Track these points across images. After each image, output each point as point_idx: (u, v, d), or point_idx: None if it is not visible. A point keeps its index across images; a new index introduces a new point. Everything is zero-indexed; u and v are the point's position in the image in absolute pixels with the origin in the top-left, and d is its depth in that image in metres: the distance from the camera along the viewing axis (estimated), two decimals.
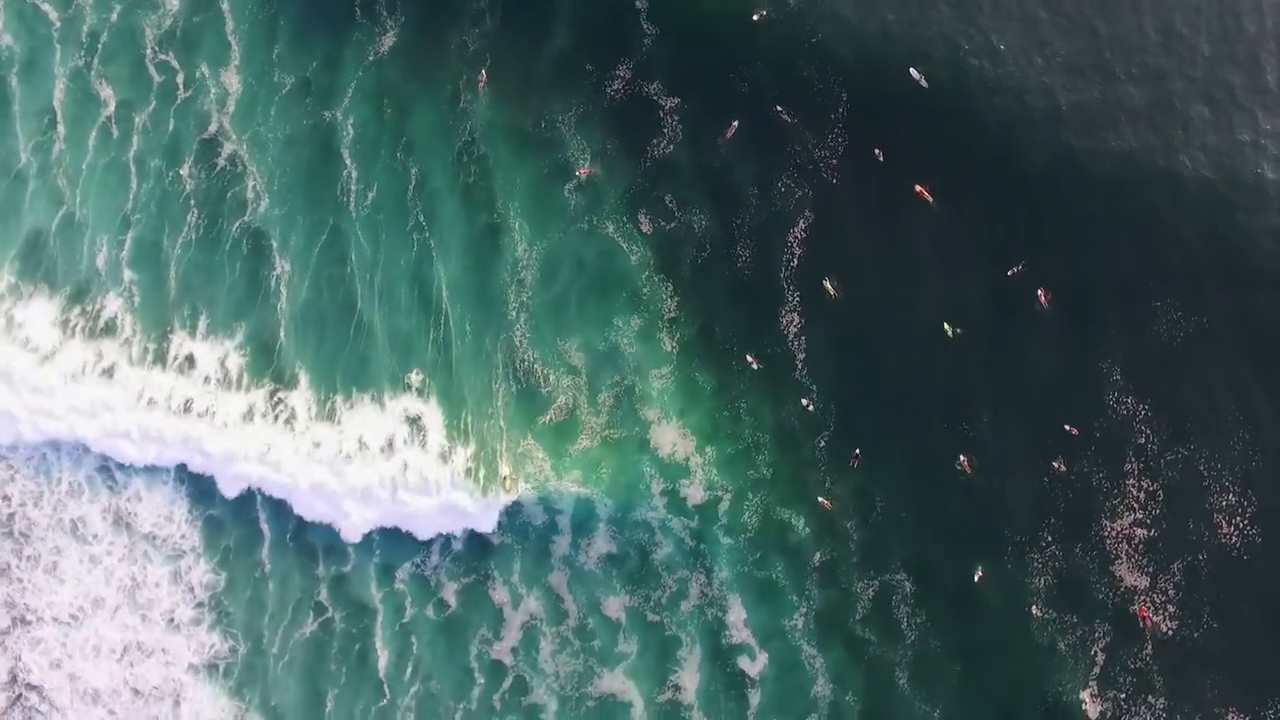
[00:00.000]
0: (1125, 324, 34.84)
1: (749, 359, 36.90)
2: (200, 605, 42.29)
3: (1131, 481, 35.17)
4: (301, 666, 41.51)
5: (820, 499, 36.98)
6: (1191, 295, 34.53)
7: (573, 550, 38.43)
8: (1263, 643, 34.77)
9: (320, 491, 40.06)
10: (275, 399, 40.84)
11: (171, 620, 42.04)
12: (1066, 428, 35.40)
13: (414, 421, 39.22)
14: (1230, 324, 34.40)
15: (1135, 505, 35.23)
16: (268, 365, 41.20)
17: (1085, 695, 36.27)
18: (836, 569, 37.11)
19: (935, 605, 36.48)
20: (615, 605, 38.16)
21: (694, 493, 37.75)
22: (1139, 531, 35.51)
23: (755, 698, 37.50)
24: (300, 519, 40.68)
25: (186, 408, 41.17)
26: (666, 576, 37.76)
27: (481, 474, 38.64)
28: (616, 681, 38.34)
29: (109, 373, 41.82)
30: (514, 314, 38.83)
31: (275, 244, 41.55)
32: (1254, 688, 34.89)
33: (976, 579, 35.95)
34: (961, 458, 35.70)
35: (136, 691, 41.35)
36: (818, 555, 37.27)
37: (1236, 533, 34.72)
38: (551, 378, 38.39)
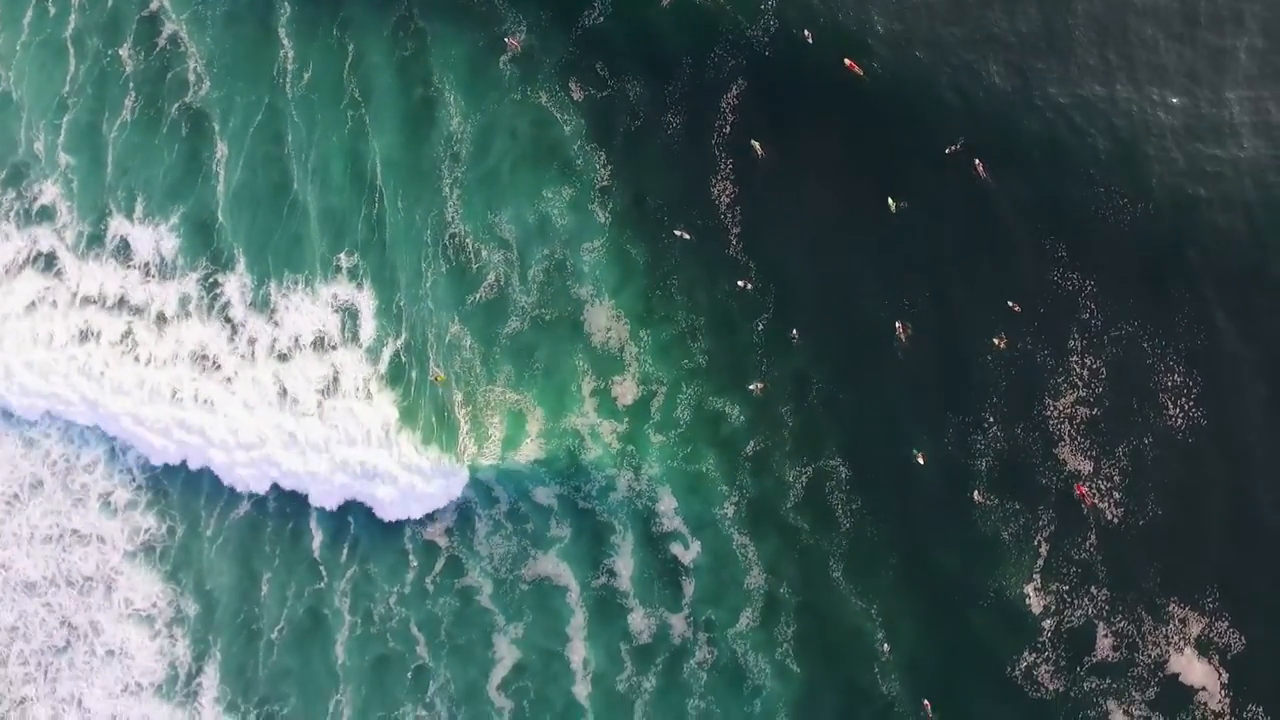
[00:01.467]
0: (1069, 201, 34.50)
1: (679, 232, 37.07)
2: (139, 488, 44.11)
3: (1075, 359, 34.74)
4: (236, 548, 43.13)
5: (753, 385, 37.17)
6: (1139, 177, 35.04)
7: (502, 459, 38.51)
8: (1205, 530, 34.34)
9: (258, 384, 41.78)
10: (210, 283, 42.50)
11: (108, 504, 43.84)
12: (1009, 304, 35.09)
13: (346, 311, 40.79)
14: (1177, 205, 34.96)
15: (1079, 383, 34.86)
16: (204, 248, 42.69)
17: (1029, 589, 36.16)
18: (770, 457, 37.12)
19: (872, 492, 36.43)
20: (545, 494, 38.60)
21: (626, 390, 38.03)
22: (1082, 411, 35.13)
23: (690, 587, 37.69)
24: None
25: (122, 302, 43.02)
26: (595, 473, 38.25)
27: (414, 373, 40.38)
28: (551, 564, 38.70)
29: (49, 261, 43.77)
30: (447, 189, 39.19)
31: (215, 125, 43.07)
32: (1196, 577, 34.47)
33: (917, 462, 35.93)
34: (897, 324, 35.61)
35: (70, 582, 43.32)
36: (751, 445, 37.33)
37: (1182, 414, 34.22)
38: (483, 253, 38.55)
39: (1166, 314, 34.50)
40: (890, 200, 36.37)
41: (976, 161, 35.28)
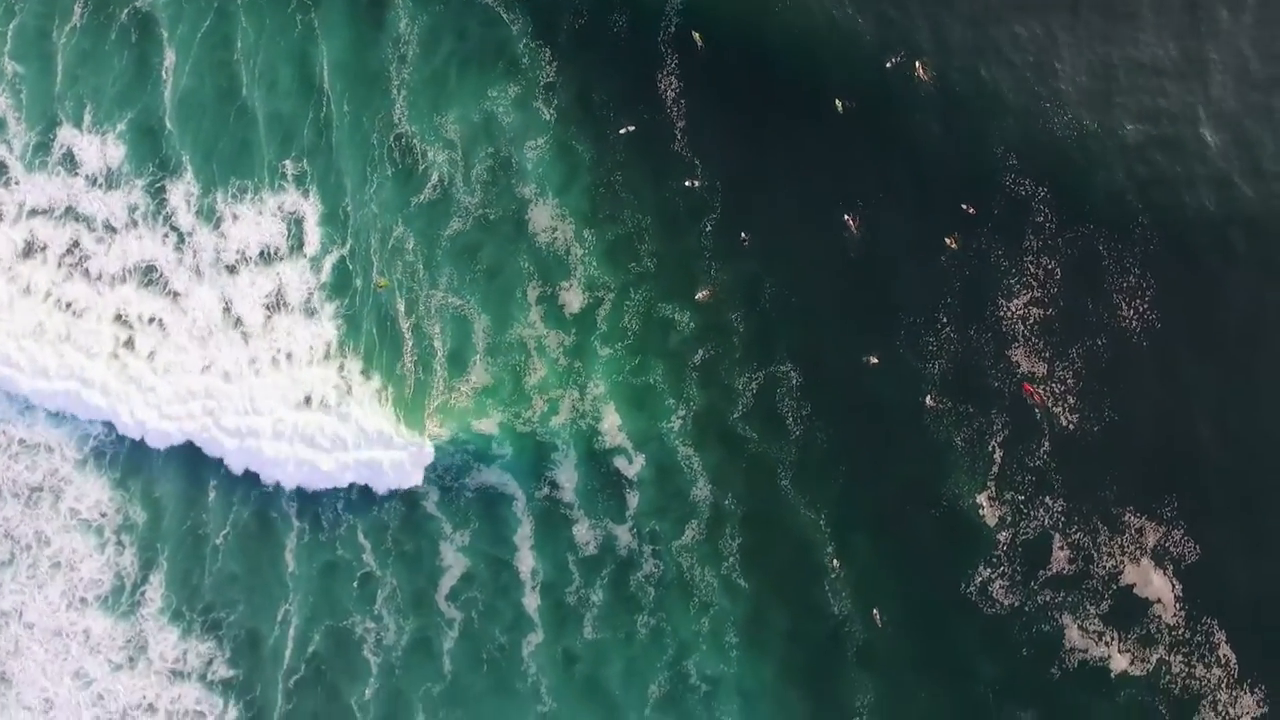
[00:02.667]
0: (1020, 110, 35.11)
1: (624, 128, 37.24)
2: None
3: (1030, 259, 34.93)
4: (185, 453, 42.86)
5: (701, 292, 37.20)
6: (1095, 91, 36.13)
7: (446, 389, 38.73)
8: (1160, 438, 34.57)
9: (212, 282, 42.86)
10: (157, 190, 43.53)
11: (56, 411, 44.76)
12: (963, 206, 35.55)
13: (292, 219, 41.80)
14: (1134, 112, 35.89)
15: (1033, 283, 34.94)
16: (152, 155, 43.38)
17: (982, 498, 36.33)
18: (719, 366, 37.18)
19: (823, 398, 36.49)
20: (487, 424, 38.61)
21: (573, 297, 38.20)
22: (1036, 311, 35.10)
23: (634, 500, 37.85)
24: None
25: (70, 212, 44.09)
26: (538, 397, 38.34)
27: (359, 282, 41.41)
28: (495, 475, 38.91)
29: None
30: (394, 91, 39.15)
31: (164, 31, 43.79)
32: (1153, 486, 34.78)
33: (868, 364, 36.21)
34: (846, 217, 35.76)
35: (15, 494, 44.45)
36: (700, 353, 37.37)
37: (1136, 316, 34.52)
38: (428, 154, 38.59)
39: (1121, 218, 35.01)
40: (837, 101, 37.28)
41: (917, 64, 36.26)
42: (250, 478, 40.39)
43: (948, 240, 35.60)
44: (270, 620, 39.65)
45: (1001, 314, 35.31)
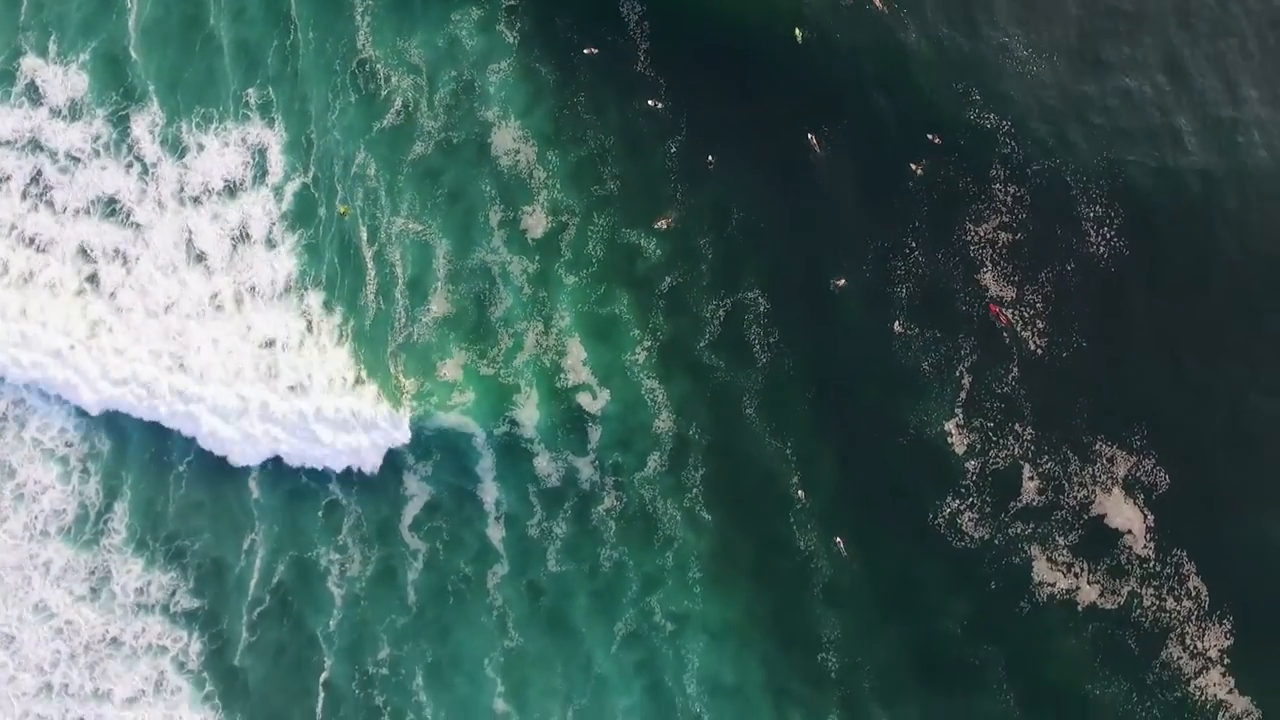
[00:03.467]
0: (982, 48, 35.77)
1: (588, 50, 37.51)
2: None
3: (997, 187, 35.36)
4: None
5: (660, 220, 37.55)
6: (1057, 35, 36.63)
7: (408, 319, 39.26)
8: (1130, 366, 34.88)
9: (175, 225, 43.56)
10: (121, 120, 44.23)
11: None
12: (929, 137, 36.14)
13: (257, 149, 42.57)
14: (1095, 56, 36.09)
15: (1001, 209, 35.27)
16: (116, 85, 44.01)
17: (951, 426, 36.60)
18: (686, 293, 37.43)
19: (790, 324, 36.83)
20: (450, 367, 38.94)
21: (536, 222, 38.48)
22: (1004, 236, 35.31)
23: (596, 433, 38.17)
24: None
25: (33, 144, 44.84)
26: (503, 331, 38.68)
27: (322, 210, 42.09)
28: (454, 419, 39.23)
29: None
30: (359, 17, 39.30)
31: None
32: (1123, 414, 35.14)
33: (835, 288, 36.63)
34: (810, 137, 35.99)
35: None
36: (667, 280, 37.64)
37: (1105, 244, 34.95)
38: (392, 79, 38.85)
39: (1087, 153, 35.59)
40: (796, 30, 37.96)
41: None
42: None
43: (913, 166, 36.10)
44: (235, 550, 40.46)
45: (969, 238, 35.80)
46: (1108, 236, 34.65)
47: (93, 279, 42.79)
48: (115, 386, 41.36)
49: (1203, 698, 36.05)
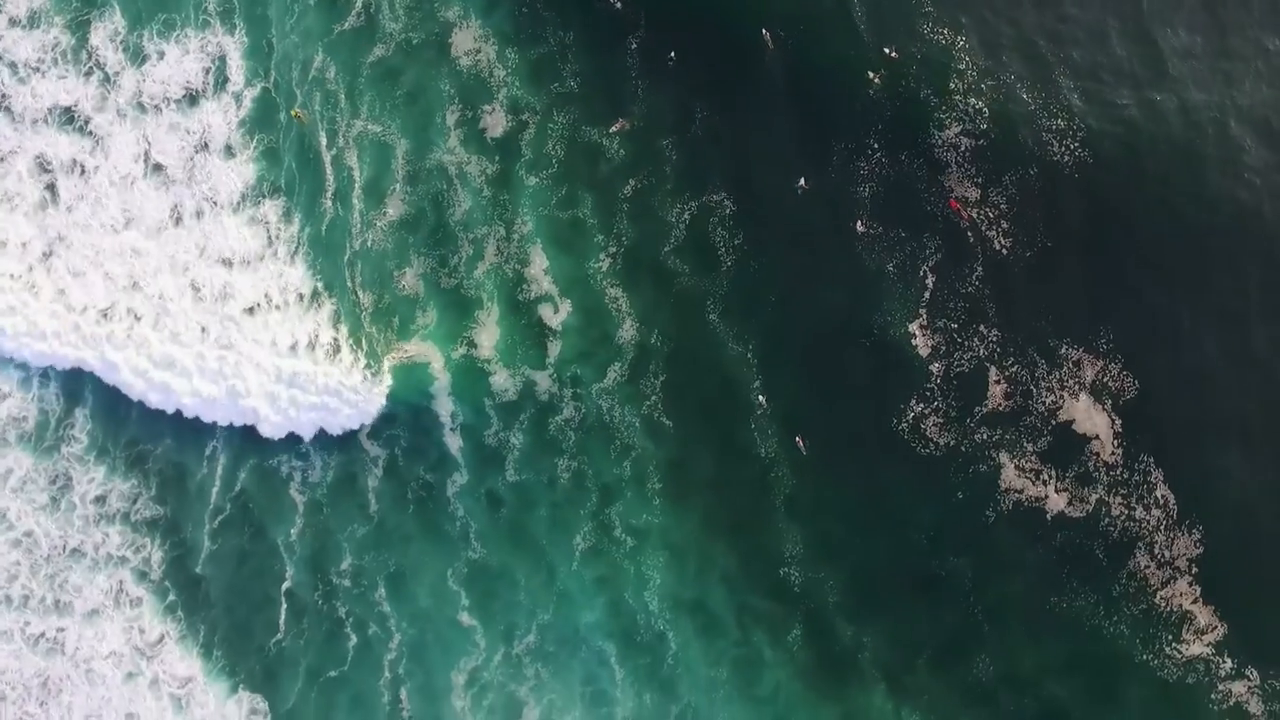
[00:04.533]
0: None
1: None
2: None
3: (957, 98, 36.38)
4: None
5: (615, 125, 38.29)
6: None
7: (364, 225, 40.27)
8: (1096, 270, 35.62)
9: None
10: (80, 27, 45.18)
11: None
12: (885, 50, 36.94)
13: (217, 57, 43.65)
14: None
15: (963, 118, 36.17)
16: None
17: (914, 327, 37.10)
18: (650, 197, 38.08)
19: (755, 227, 37.51)
20: (409, 276, 40.07)
21: (495, 121, 39.02)
22: (966, 141, 35.97)
23: (555, 348, 39.01)
24: None
25: None
26: (463, 236, 39.59)
27: (281, 116, 41.92)
28: (414, 346, 39.89)
29: None
30: None
31: None
32: (1089, 317, 35.86)
33: (799, 190, 37.39)
34: (764, 32, 36.84)
35: None
36: (630, 184, 38.31)
37: (1068, 154, 35.79)
38: None
39: (1048, 70, 36.62)
40: None
41: None
42: None
43: (872, 75, 37.02)
44: (197, 457, 41.69)
45: (933, 142, 36.40)
46: (1071, 148, 35.54)
47: (51, 189, 43.59)
48: (63, 345, 42.26)
49: (1169, 608, 36.88)
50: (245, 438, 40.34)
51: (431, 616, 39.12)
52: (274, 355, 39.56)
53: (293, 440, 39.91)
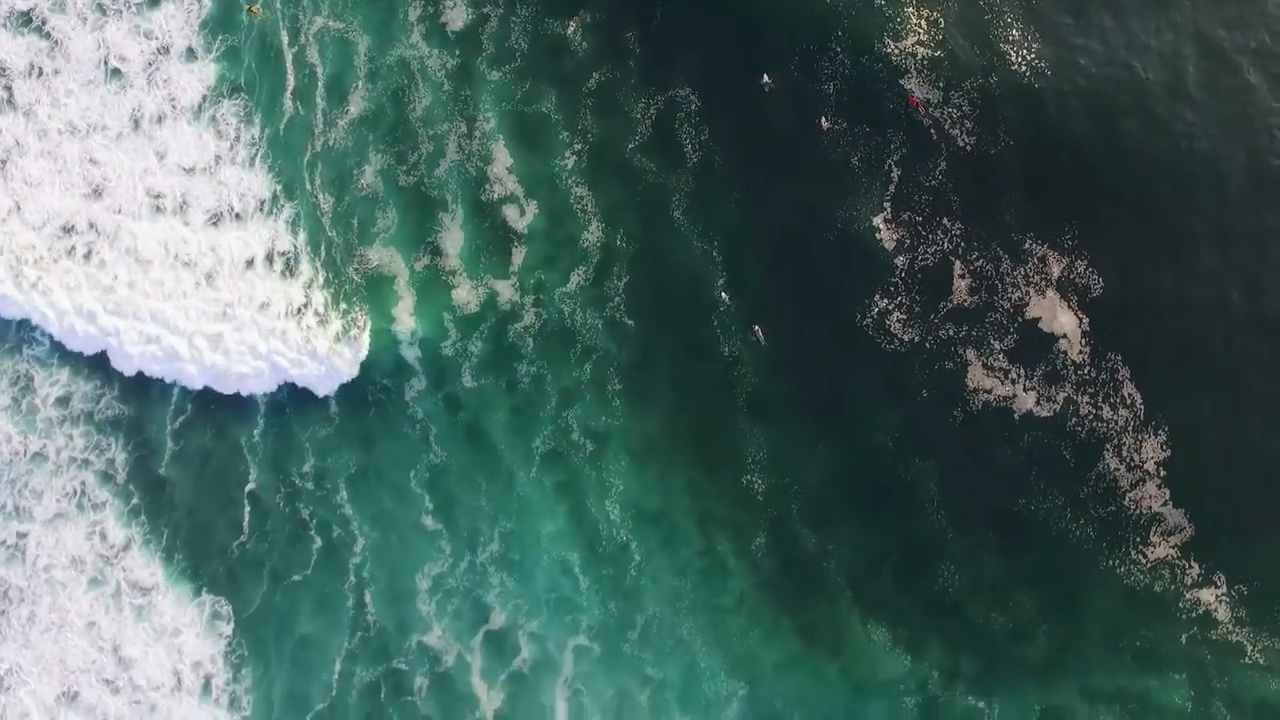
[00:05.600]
0: None
1: None
2: None
3: (910, 10, 38.21)
4: None
5: (571, 21, 39.87)
6: None
7: (325, 124, 41.43)
8: (1059, 168, 37.09)
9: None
10: None
11: None
12: None
13: None
14: None
15: (919, 30, 37.87)
16: None
17: (879, 221, 38.02)
18: (615, 91, 39.10)
19: (721, 122, 38.79)
20: (369, 176, 41.01)
21: (457, 15, 40.04)
22: (923, 51, 37.63)
23: (520, 253, 40.26)
24: None
25: None
26: (424, 133, 40.43)
27: (243, 16, 42.38)
28: (376, 253, 41.38)
29: None
30: None
31: None
32: (1052, 214, 37.24)
33: (765, 85, 38.56)
34: None
35: None
36: (594, 78, 39.38)
37: (1025, 64, 37.40)
38: None
39: None
40: None
41: None
42: None
43: None
44: (164, 409, 42.82)
45: (890, 51, 37.63)
46: (1027, 58, 36.88)
47: (9, 92, 44.30)
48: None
49: (1138, 511, 38.14)
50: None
51: (395, 520, 40.47)
52: (241, 282, 40.67)
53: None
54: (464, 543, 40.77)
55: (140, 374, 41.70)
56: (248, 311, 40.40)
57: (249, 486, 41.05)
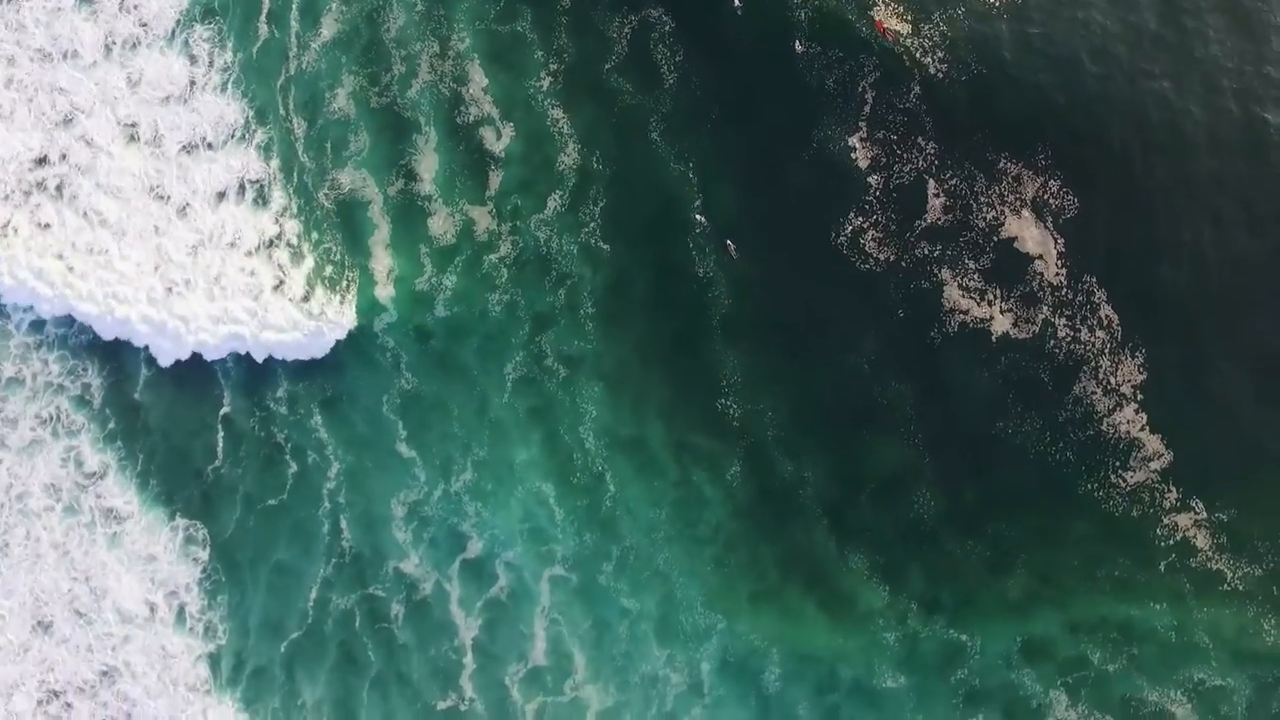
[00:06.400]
0: None
1: None
2: None
3: None
4: None
5: None
6: None
7: (299, 47, 42.16)
8: (1030, 93, 38.85)
9: None
10: None
11: None
12: None
13: None
14: None
15: None
16: None
17: (854, 140, 39.25)
18: (590, 10, 40.40)
19: (696, 43, 40.18)
20: (342, 98, 42.09)
21: None
22: None
23: (496, 178, 41.35)
24: None
25: None
26: (396, 54, 41.45)
27: None
28: (348, 176, 42.30)
29: None
30: None
31: None
32: (1026, 135, 38.83)
33: (738, 8, 39.95)
34: None
35: None
36: None
37: None
38: None
39: None
40: None
41: None
42: None
43: None
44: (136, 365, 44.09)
45: None
46: None
47: None
48: None
49: (1115, 435, 39.46)
50: None
51: (369, 445, 41.76)
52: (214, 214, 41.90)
53: None
54: (438, 470, 41.95)
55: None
56: (216, 252, 41.59)
57: (223, 410, 42.22)
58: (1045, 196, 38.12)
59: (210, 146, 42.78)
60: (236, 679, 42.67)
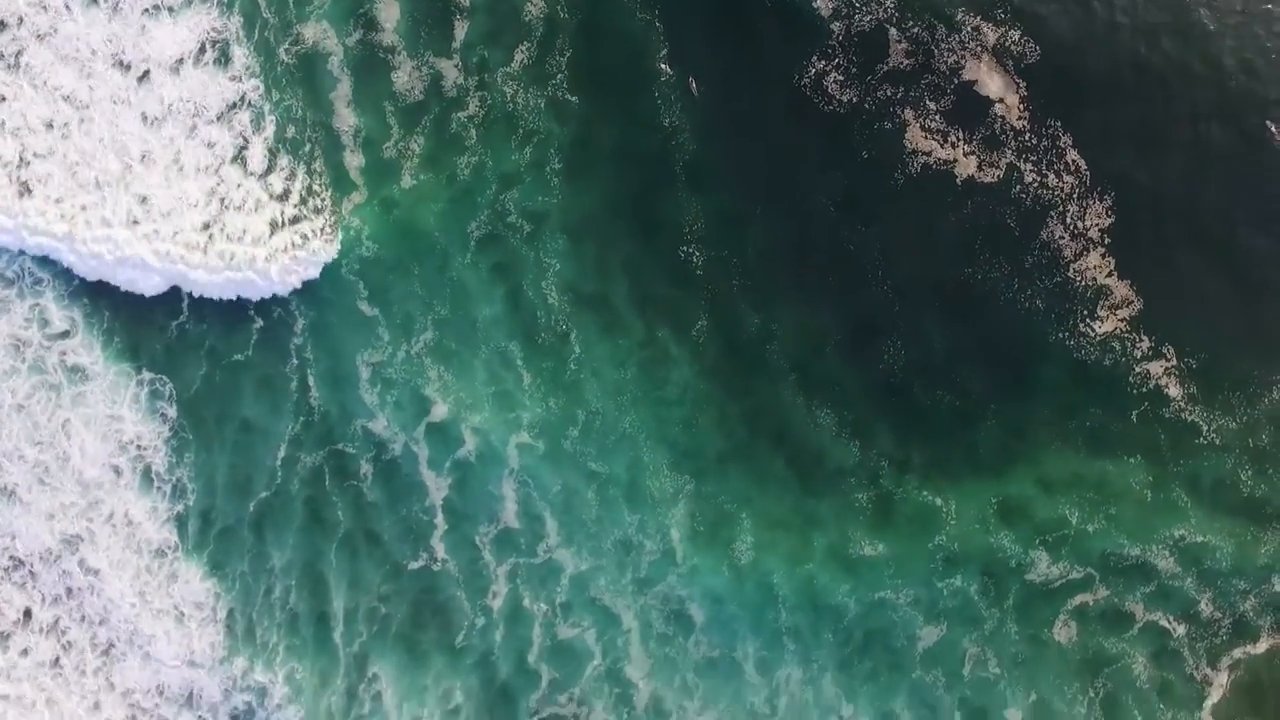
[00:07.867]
0: None
1: None
2: None
3: None
4: None
5: None
6: None
7: None
8: None
9: None
10: None
11: None
12: None
13: None
14: None
15: None
16: None
17: None
18: None
19: None
20: None
21: None
22: None
23: (462, 29, 43.20)
24: None
25: None
26: None
27: None
28: (311, 30, 43.94)
29: None
30: None
31: None
32: None
33: None
34: None
35: None
36: None
37: None
38: None
39: None
40: None
41: None
42: None
43: None
44: None
45: None
46: None
47: None
48: None
49: (1083, 282, 42.04)
50: None
51: (331, 302, 44.19)
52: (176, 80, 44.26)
53: None
54: (400, 330, 44.13)
55: None
56: (185, 119, 43.81)
57: None
58: (1006, 44, 40.57)
59: (171, 10, 44.52)
60: (204, 541, 45.01)
